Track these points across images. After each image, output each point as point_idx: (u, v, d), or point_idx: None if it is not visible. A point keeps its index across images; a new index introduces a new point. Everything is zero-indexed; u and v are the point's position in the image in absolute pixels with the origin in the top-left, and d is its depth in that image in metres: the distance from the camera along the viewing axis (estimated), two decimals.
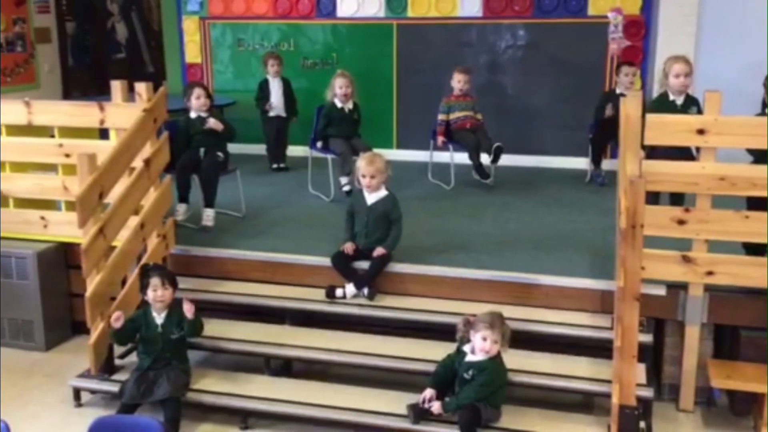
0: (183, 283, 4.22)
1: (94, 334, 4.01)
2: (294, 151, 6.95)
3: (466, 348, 3.59)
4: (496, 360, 3.54)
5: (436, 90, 6.59)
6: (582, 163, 6.59)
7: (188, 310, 3.80)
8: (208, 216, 5.11)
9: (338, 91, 5.90)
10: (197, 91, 5.27)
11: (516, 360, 3.73)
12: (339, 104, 5.93)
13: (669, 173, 3.83)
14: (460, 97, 6.28)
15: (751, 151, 3.85)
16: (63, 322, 4.89)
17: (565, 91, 6.89)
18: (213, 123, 5.20)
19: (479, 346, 3.52)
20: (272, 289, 4.45)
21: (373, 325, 4.27)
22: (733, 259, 3.86)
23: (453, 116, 6.24)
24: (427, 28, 7.17)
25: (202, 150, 5.21)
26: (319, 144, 6.00)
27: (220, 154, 5.27)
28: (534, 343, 3.98)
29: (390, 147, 7.28)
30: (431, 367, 3.75)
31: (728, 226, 3.78)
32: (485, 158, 6.06)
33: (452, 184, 6.25)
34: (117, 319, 3.77)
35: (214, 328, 4.18)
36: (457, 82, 6.27)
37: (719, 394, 4.02)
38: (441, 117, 6.26)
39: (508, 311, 4.07)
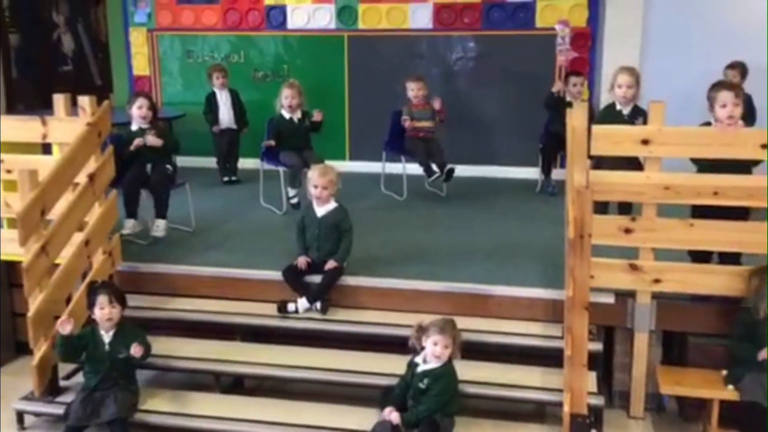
0: (131, 300, 4.12)
1: (38, 355, 3.89)
2: (245, 163, 6.87)
3: (418, 359, 3.58)
4: (448, 367, 3.53)
5: (389, 101, 6.60)
6: (533, 172, 6.66)
7: (137, 352, 3.70)
8: (159, 227, 5.02)
9: (284, 102, 5.85)
10: (140, 101, 5.17)
11: (469, 371, 3.73)
12: (287, 115, 5.88)
13: (615, 183, 3.89)
14: (420, 105, 6.28)
15: (695, 161, 3.93)
16: (6, 343, 4.73)
17: (515, 102, 6.97)
18: (151, 140, 5.05)
19: (430, 351, 3.51)
20: (223, 305, 4.38)
21: (327, 339, 4.23)
22: (679, 267, 3.93)
23: (415, 124, 6.24)
24: (378, 40, 7.19)
25: (149, 165, 5.10)
26: (268, 143, 5.85)
27: (168, 167, 5.18)
28: (487, 353, 3.98)
29: (343, 158, 7.26)
30: (386, 381, 3.73)
31: (674, 235, 3.86)
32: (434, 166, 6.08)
33: (405, 196, 6.25)
34: (64, 324, 3.65)
35: (162, 346, 4.08)
36: (411, 90, 6.29)
37: (668, 401, 4.09)
38: (405, 118, 6.23)
39: (461, 322, 4.04)
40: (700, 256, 4.02)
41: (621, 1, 6.51)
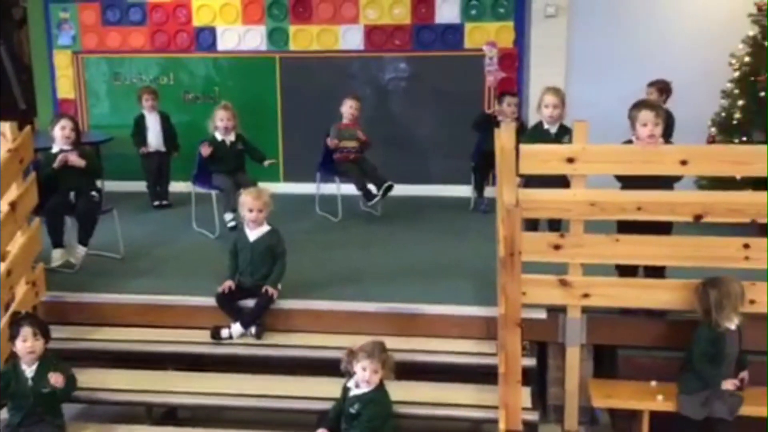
0: (56, 332, 3.97)
1: None
2: (177, 187, 6.74)
3: (350, 383, 3.56)
4: (379, 392, 3.52)
5: (322, 122, 6.58)
6: (466, 191, 6.74)
7: (56, 381, 3.57)
8: (78, 254, 4.89)
9: (219, 124, 5.79)
10: (63, 122, 5.02)
11: (403, 391, 3.73)
12: (219, 137, 5.81)
13: (544, 200, 3.97)
14: (349, 125, 6.30)
15: (619, 178, 4.04)
16: None
17: (447, 121, 7.06)
18: (73, 159, 4.90)
19: (360, 377, 3.50)
20: (153, 333, 4.27)
21: (263, 365, 4.17)
22: (607, 281, 4.03)
23: (342, 144, 6.24)
24: (310, 61, 7.19)
25: (72, 192, 4.95)
26: (205, 149, 5.75)
27: (94, 193, 5.04)
28: (422, 373, 3.99)
29: (277, 180, 7.20)
30: (322, 405, 3.70)
31: (601, 250, 3.95)
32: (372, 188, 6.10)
33: (340, 216, 6.24)
34: None
35: (90, 378, 3.95)
36: (349, 107, 6.29)
37: (601, 413, 4.17)
38: (330, 140, 6.23)
39: (395, 342, 4.08)
40: (627, 270, 4.12)
41: (545, 23, 6.69)
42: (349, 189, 6.23)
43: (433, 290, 4.49)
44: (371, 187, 6.06)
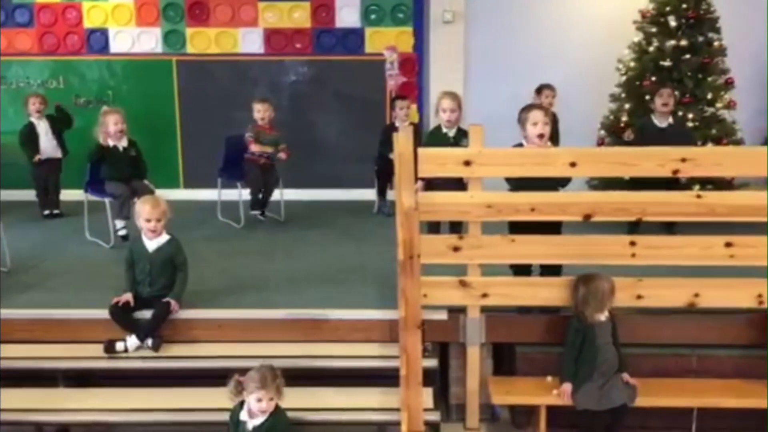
0: None
1: None
2: (68, 195, 6.45)
3: (243, 415, 3.42)
4: (277, 414, 3.42)
5: (222, 126, 6.50)
6: (369, 194, 6.77)
7: None
8: None
9: (112, 129, 5.55)
10: None
11: (308, 398, 3.71)
12: (111, 143, 5.57)
13: (442, 203, 4.03)
14: (265, 129, 6.19)
15: (508, 180, 4.14)
16: None
17: (349, 125, 7.09)
18: None
19: (256, 408, 3.37)
20: (43, 349, 4.08)
21: (161, 378, 4.05)
22: (503, 281, 4.13)
23: (257, 148, 6.12)
24: (209, 65, 7.06)
25: None
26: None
27: None
28: (327, 378, 3.98)
29: (176, 187, 7.05)
30: (224, 417, 3.61)
31: (498, 250, 4.04)
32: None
33: (243, 223, 6.15)
34: None
35: None
36: (257, 111, 6.18)
37: (500, 410, 4.27)
38: (248, 137, 6.11)
39: (300, 349, 4.08)
40: (522, 270, 4.24)
41: (443, 28, 6.82)
42: None
43: (337, 295, 4.48)
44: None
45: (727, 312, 4.12)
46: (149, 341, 4.05)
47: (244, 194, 6.20)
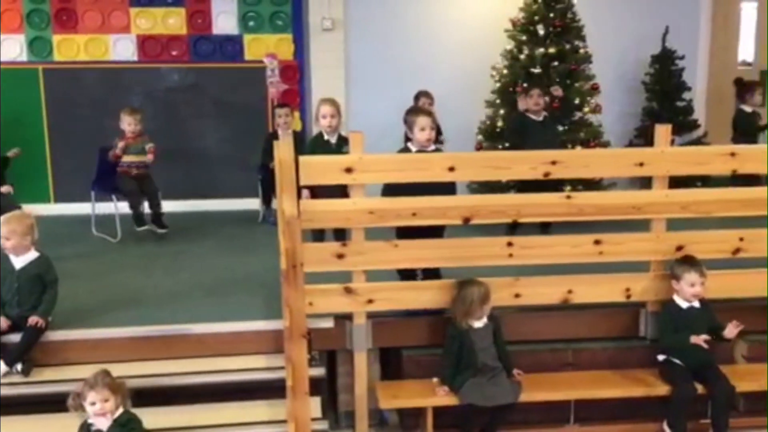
0: None
1: None
2: None
3: (91, 419, 3.32)
4: (121, 417, 3.32)
5: (96, 136, 6.23)
6: (254, 203, 6.67)
7: None
8: None
9: None
10: None
11: (191, 416, 3.61)
12: None
13: (325, 211, 4.03)
14: (137, 137, 5.96)
15: (386, 187, 4.17)
16: None
17: (231, 134, 6.96)
18: None
19: (93, 412, 3.28)
20: None
21: (32, 404, 3.81)
22: (389, 286, 4.17)
23: (127, 159, 5.91)
24: (78, 72, 6.75)
25: None
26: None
27: None
28: (213, 394, 3.88)
29: (47, 201, 6.70)
30: None
31: (381, 256, 4.08)
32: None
33: (119, 237, 5.90)
34: None
35: None
36: (128, 125, 5.94)
37: (389, 414, 4.31)
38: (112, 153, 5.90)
39: (182, 365, 3.96)
40: (407, 274, 4.30)
41: (323, 35, 6.83)
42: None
43: (221, 308, 4.38)
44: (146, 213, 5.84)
45: (599, 306, 4.34)
46: (18, 366, 3.82)
47: (120, 207, 5.95)
